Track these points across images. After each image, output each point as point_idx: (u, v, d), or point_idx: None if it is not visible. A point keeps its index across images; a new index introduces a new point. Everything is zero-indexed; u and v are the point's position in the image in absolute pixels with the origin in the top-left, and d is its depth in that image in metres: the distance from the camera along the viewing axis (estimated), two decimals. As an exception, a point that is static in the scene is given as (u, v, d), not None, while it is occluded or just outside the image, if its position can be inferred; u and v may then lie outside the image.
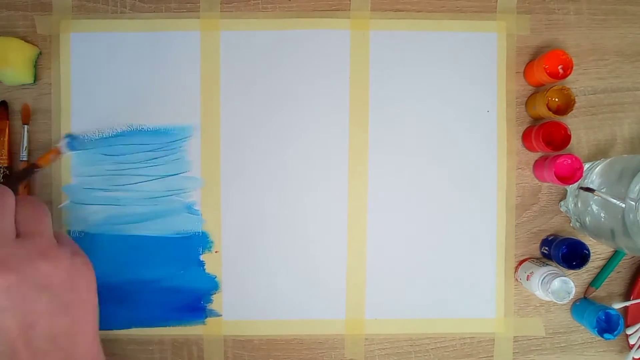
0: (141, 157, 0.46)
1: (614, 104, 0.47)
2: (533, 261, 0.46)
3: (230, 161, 0.46)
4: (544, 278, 0.43)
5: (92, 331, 0.33)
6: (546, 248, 0.46)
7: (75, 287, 0.32)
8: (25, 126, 0.45)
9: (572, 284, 0.42)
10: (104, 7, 0.46)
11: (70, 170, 0.45)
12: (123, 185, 0.46)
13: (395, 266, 0.47)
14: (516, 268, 0.47)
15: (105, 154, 0.45)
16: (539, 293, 0.44)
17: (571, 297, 0.42)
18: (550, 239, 0.46)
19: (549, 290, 0.42)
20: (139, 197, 0.46)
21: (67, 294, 0.31)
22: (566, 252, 0.44)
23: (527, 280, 0.44)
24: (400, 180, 0.47)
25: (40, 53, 0.45)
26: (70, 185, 0.45)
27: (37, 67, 0.45)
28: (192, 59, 0.46)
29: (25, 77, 0.44)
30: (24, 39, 0.45)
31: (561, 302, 0.43)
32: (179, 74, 0.46)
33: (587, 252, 0.44)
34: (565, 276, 0.43)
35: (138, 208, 0.46)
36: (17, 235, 0.31)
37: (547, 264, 0.45)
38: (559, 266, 0.45)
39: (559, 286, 0.42)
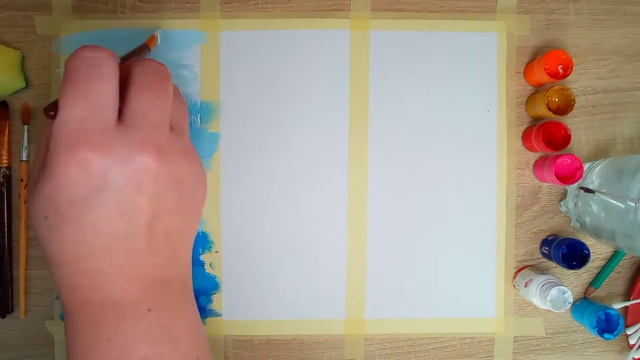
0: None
1: (614, 104, 0.47)
2: (532, 269, 0.46)
3: (230, 161, 0.46)
4: (542, 286, 0.43)
5: (193, 239, 0.34)
6: (546, 248, 0.46)
7: (196, 193, 0.33)
8: (26, 126, 0.45)
9: (569, 293, 0.42)
10: (104, 7, 0.46)
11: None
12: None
13: (395, 266, 0.47)
14: (515, 275, 0.47)
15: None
16: (536, 301, 0.44)
17: (568, 307, 0.43)
18: (550, 239, 0.46)
19: (547, 298, 0.42)
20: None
21: (189, 198, 0.32)
22: (566, 252, 0.44)
23: (525, 287, 0.44)
24: (400, 180, 0.47)
25: (24, 56, 0.45)
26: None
27: (25, 70, 0.45)
28: (192, 58, 0.46)
29: (15, 82, 0.44)
30: (13, 43, 0.45)
31: (558, 311, 0.43)
32: (179, 74, 0.46)
33: (587, 252, 0.44)
34: (563, 285, 0.43)
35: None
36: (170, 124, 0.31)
37: (545, 273, 0.45)
38: (559, 265, 0.45)
39: (557, 295, 0.43)
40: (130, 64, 0.31)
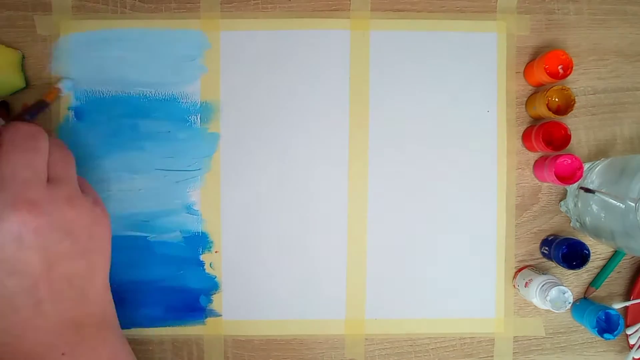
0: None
1: (614, 104, 0.47)
2: (532, 269, 0.46)
3: (230, 161, 0.46)
4: (542, 286, 0.43)
5: (104, 276, 0.36)
6: (546, 248, 0.46)
7: (94, 235, 0.34)
8: None
9: (569, 293, 0.42)
10: (104, 7, 0.46)
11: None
12: (122, 185, 0.46)
13: (395, 266, 0.47)
14: (515, 275, 0.47)
15: (105, 156, 0.45)
16: (536, 301, 0.44)
17: (568, 307, 0.43)
18: (550, 239, 0.46)
19: (547, 298, 0.42)
20: (138, 197, 0.46)
21: (86, 240, 0.33)
22: (566, 252, 0.44)
23: (525, 287, 0.44)
24: (400, 180, 0.47)
25: (24, 56, 0.45)
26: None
27: (25, 70, 0.45)
28: (192, 58, 0.46)
29: (15, 82, 0.44)
30: (13, 43, 0.45)
31: (557, 312, 0.43)
32: (179, 73, 0.46)
33: (587, 252, 0.44)
34: (563, 285, 0.43)
35: (137, 208, 0.46)
36: (47, 179, 0.33)
37: (545, 273, 0.45)
38: (559, 265, 0.45)
39: (557, 295, 0.43)
40: (3, 128, 0.33)
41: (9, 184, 0.30)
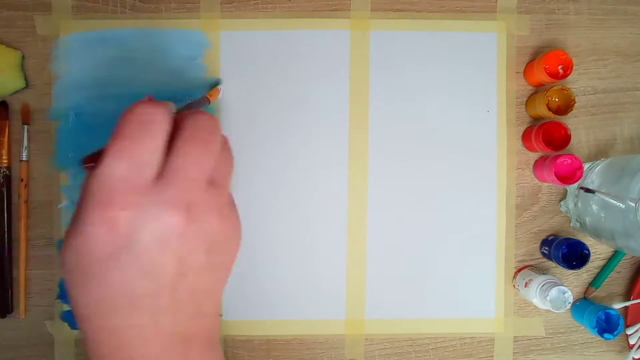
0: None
1: (614, 104, 0.47)
2: (532, 269, 0.46)
3: (230, 161, 0.46)
4: (542, 286, 0.43)
5: (222, 292, 0.34)
6: (546, 248, 0.46)
7: (228, 250, 0.32)
8: (25, 126, 0.45)
9: (569, 293, 0.42)
10: (104, 7, 0.46)
11: (68, 172, 0.45)
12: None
13: (395, 266, 0.47)
14: (515, 275, 0.47)
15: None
16: (536, 301, 0.44)
17: (568, 307, 0.43)
18: (550, 239, 0.46)
19: (547, 298, 0.42)
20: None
21: (220, 255, 0.31)
22: (566, 252, 0.44)
23: (525, 287, 0.44)
24: (400, 180, 0.47)
25: (24, 56, 0.45)
26: (69, 186, 0.45)
27: (26, 70, 0.45)
28: (192, 58, 0.46)
29: (15, 82, 0.44)
30: (13, 43, 0.45)
31: (557, 311, 0.43)
32: (179, 73, 0.46)
33: (587, 252, 0.44)
34: (563, 285, 0.43)
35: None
36: (209, 179, 0.30)
37: (545, 273, 0.45)
38: (559, 265, 0.45)
39: (557, 295, 0.43)
40: (183, 115, 0.31)
41: (174, 181, 0.28)
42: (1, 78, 0.43)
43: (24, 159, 0.45)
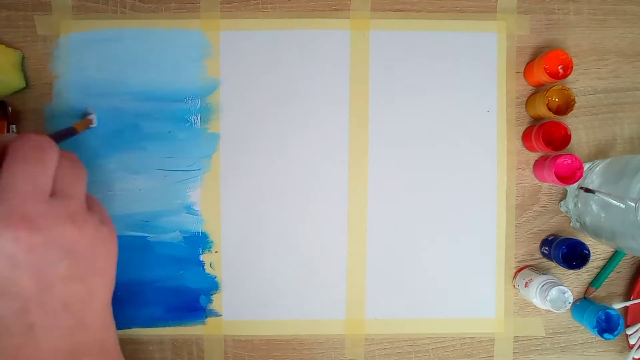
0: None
1: (614, 104, 0.47)
2: (532, 269, 0.46)
3: (230, 161, 0.46)
4: (542, 286, 0.43)
5: (105, 301, 0.33)
6: (546, 248, 0.46)
7: (96, 256, 0.32)
8: (13, 126, 0.45)
9: (569, 293, 0.42)
10: (104, 7, 0.46)
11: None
12: (122, 185, 0.46)
13: (395, 266, 0.47)
14: (515, 275, 0.47)
15: (106, 155, 0.45)
16: (536, 301, 0.44)
17: (568, 307, 0.43)
18: (550, 239, 0.46)
19: (547, 298, 0.42)
20: (138, 197, 0.46)
21: (87, 263, 0.31)
22: (566, 252, 0.44)
23: (525, 287, 0.44)
24: (400, 180, 0.47)
25: (24, 56, 0.45)
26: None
27: (26, 70, 0.45)
28: (192, 58, 0.46)
29: (15, 82, 0.44)
30: (13, 43, 0.45)
31: (557, 311, 0.43)
32: (179, 73, 0.46)
33: (587, 252, 0.44)
34: (563, 285, 0.43)
35: (137, 208, 0.46)
36: (52, 193, 0.30)
37: (545, 273, 0.45)
38: (559, 265, 0.45)
39: (557, 295, 0.43)
40: (10, 139, 0.31)
41: (6, 197, 0.28)
42: (1, 78, 0.43)
43: None
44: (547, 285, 0.43)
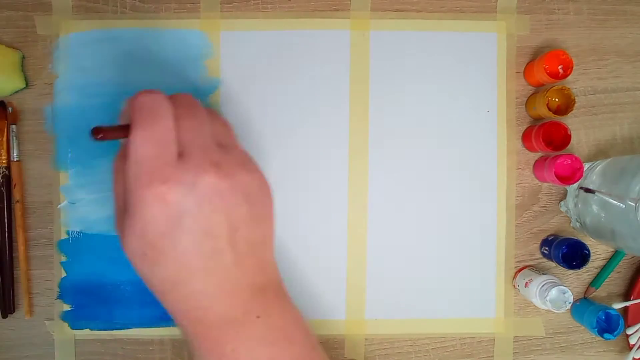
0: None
1: (614, 104, 0.47)
2: (532, 269, 0.46)
3: (230, 161, 0.46)
4: (542, 286, 0.43)
5: (273, 246, 0.36)
6: (546, 248, 0.46)
7: (264, 202, 0.34)
8: (13, 126, 0.45)
9: (569, 293, 0.42)
10: (104, 7, 0.46)
11: (68, 172, 0.45)
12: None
13: (395, 266, 0.47)
14: (515, 275, 0.47)
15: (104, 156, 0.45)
16: (536, 301, 0.44)
17: (568, 307, 0.43)
18: (550, 239, 0.46)
19: (547, 298, 0.42)
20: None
21: (260, 207, 0.33)
22: (566, 252, 0.44)
23: (525, 287, 0.44)
24: (400, 180, 0.47)
25: (24, 56, 0.45)
26: (69, 185, 0.45)
27: (25, 70, 0.45)
28: (192, 58, 0.46)
29: (15, 82, 0.44)
30: (13, 43, 0.45)
31: (557, 311, 0.43)
32: (179, 73, 0.46)
33: (587, 252, 0.44)
34: (563, 285, 0.43)
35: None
36: (217, 142, 0.33)
37: (545, 273, 0.45)
38: (559, 265, 0.45)
39: (557, 295, 0.43)
40: (169, 98, 0.34)
41: (192, 151, 0.31)
42: (1, 78, 0.43)
43: (14, 159, 0.45)
44: (547, 285, 0.43)
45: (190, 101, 0.35)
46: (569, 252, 0.44)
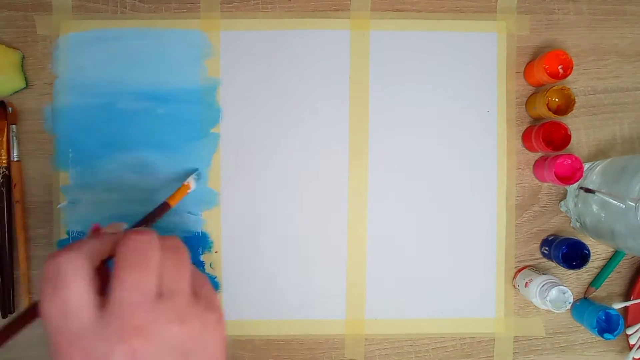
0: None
1: (614, 104, 0.47)
2: (532, 269, 0.46)
3: (230, 161, 0.46)
4: (542, 286, 0.43)
5: None
6: (546, 248, 0.46)
7: (207, 346, 0.32)
8: (13, 126, 0.45)
9: (569, 293, 0.42)
10: (104, 7, 0.46)
11: (68, 172, 0.45)
12: (122, 185, 0.46)
13: (395, 266, 0.47)
14: (515, 275, 0.47)
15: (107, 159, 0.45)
16: (536, 301, 0.44)
17: (568, 307, 0.43)
18: (550, 239, 0.46)
19: (547, 298, 0.42)
20: (137, 197, 0.46)
21: (201, 353, 0.31)
22: (566, 252, 0.44)
23: (525, 287, 0.44)
24: (400, 180, 0.47)
25: (24, 56, 0.45)
26: (69, 185, 0.45)
27: (25, 70, 0.45)
28: (192, 58, 0.46)
29: (15, 82, 0.44)
30: (13, 43, 0.45)
31: (557, 311, 0.43)
32: (179, 73, 0.46)
33: (587, 252, 0.44)
34: (563, 285, 0.43)
35: (137, 209, 0.46)
36: (158, 292, 0.30)
37: (545, 273, 0.45)
38: (559, 265, 0.45)
39: (557, 295, 0.43)
40: (117, 240, 0.32)
41: (116, 311, 0.29)
42: (1, 78, 0.43)
43: (14, 159, 0.45)
44: (547, 285, 0.43)
45: (138, 244, 0.32)
46: (569, 252, 0.44)
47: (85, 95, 0.45)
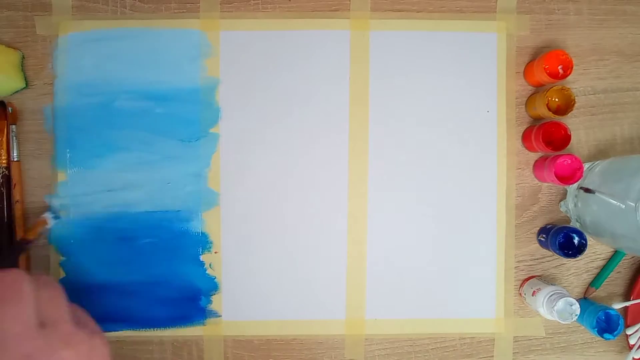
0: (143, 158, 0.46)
1: (614, 104, 0.47)
2: (539, 278, 0.46)
3: (230, 161, 0.46)
4: (550, 297, 0.43)
5: None
6: (543, 236, 0.46)
7: None
8: (13, 126, 0.45)
9: (577, 305, 0.42)
10: (104, 7, 0.46)
11: (67, 171, 0.45)
12: (122, 186, 0.46)
13: (395, 266, 0.47)
14: (522, 283, 0.47)
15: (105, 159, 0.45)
16: (543, 311, 0.44)
17: (574, 319, 0.42)
18: (548, 227, 0.46)
19: (554, 309, 0.42)
20: (138, 197, 0.46)
21: None
22: (563, 241, 0.44)
23: (533, 296, 0.44)
24: (400, 180, 0.47)
25: (24, 56, 0.45)
26: (67, 186, 0.45)
27: (25, 70, 0.45)
28: (192, 58, 0.46)
29: (15, 82, 0.44)
30: (13, 43, 0.45)
31: (564, 323, 0.43)
32: (179, 73, 0.46)
33: (584, 241, 0.43)
34: (571, 297, 0.42)
35: (138, 208, 0.46)
36: (40, 323, 0.32)
37: (553, 283, 0.44)
38: (556, 254, 0.45)
39: (564, 307, 0.42)
40: None
41: (3, 343, 0.30)
42: (1, 78, 0.43)
43: (14, 159, 0.45)
44: (555, 296, 0.43)
45: (5, 282, 0.33)
46: (566, 241, 0.44)
47: (85, 95, 0.45)
